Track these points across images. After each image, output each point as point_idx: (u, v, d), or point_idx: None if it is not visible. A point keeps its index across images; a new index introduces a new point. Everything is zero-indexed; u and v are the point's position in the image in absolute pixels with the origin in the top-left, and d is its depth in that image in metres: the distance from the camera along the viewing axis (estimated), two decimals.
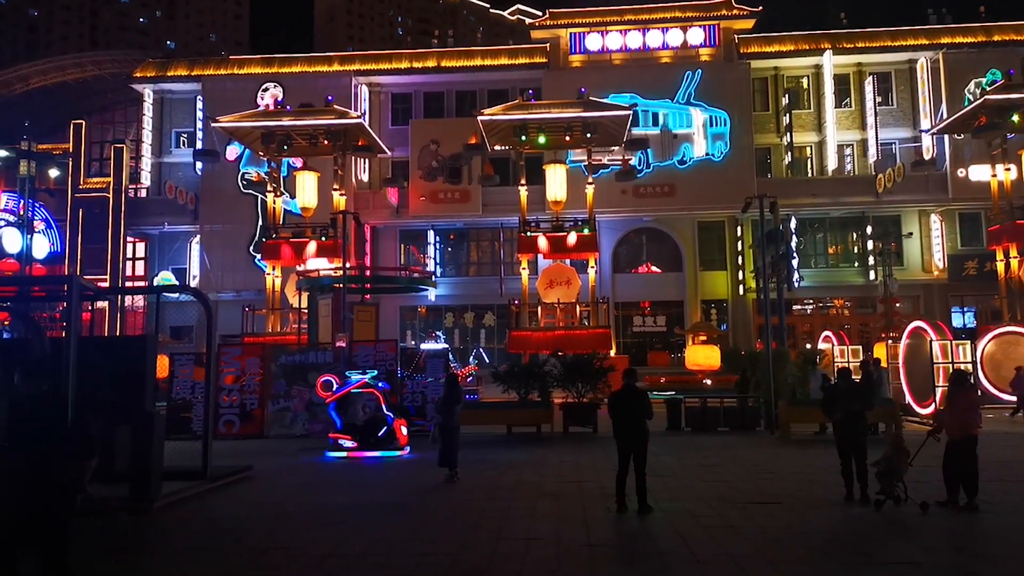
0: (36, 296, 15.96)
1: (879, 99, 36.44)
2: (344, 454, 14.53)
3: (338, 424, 14.87)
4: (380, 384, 15.33)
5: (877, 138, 35.93)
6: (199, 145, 36.73)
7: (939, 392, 17.87)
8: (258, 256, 34.26)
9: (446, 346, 29.55)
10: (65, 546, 6.57)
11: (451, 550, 7.79)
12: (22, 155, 27.32)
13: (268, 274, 31.04)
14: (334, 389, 14.97)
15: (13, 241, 33.00)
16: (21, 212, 28.20)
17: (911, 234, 35.68)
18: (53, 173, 34.44)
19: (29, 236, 27.70)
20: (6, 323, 15.80)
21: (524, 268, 30.79)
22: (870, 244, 35.44)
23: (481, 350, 35.27)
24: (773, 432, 17.59)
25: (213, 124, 30.79)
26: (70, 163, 36.04)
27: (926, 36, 36.98)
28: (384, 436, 14.67)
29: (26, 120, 40.69)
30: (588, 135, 29.29)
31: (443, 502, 10.30)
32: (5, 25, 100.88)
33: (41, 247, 34.90)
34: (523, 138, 29.52)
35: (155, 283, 35.52)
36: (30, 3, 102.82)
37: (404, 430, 14.92)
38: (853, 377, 11.20)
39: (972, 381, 9.89)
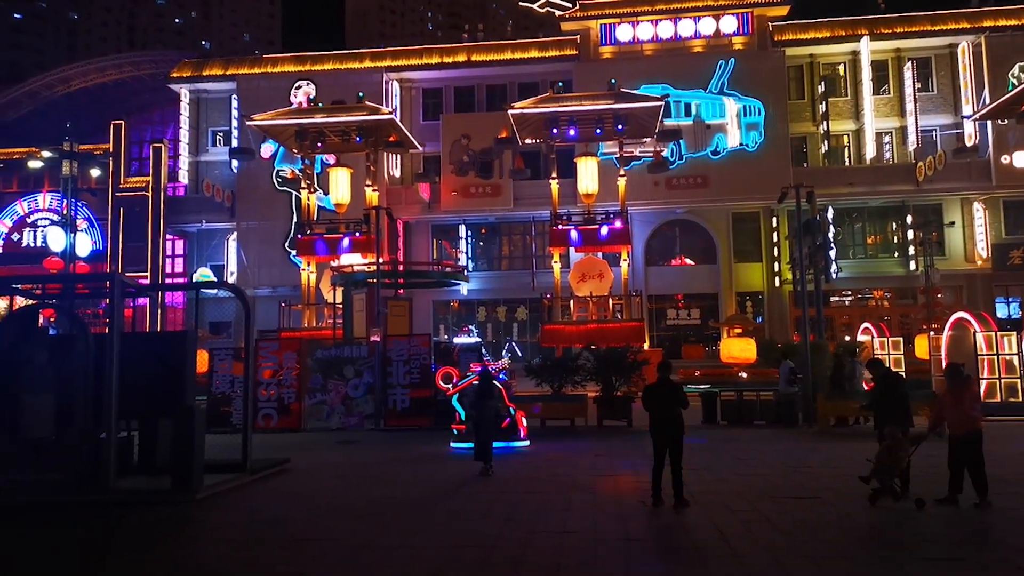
0: (80, 293, 16.39)
1: (918, 85, 35.54)
2: (469, 444, 14.41)
3: (461, 416, 14.92)
4: (501, 376, 15.45)
5: (917, 125, 35.07)
6: (235, 143, 37.29)
7: (983, 384, 17.47)
8: (293, 252, 34.70)
9: (479, 340, 29.62)
10: None
11: (486, 542, 7.83)
12: (65, 156, 27.93)
13: (303, 270, 31.41)
14: (454, 382, 15.13)
15: (57, 240, 33.85)
16: (64, 211, 28.89)
17: (953, 223, 34.82)
18: (94, 173, 35.23)
19: (72, 235, 28.37)
20: (52, 320, 16.25)
21: (556, 261, 30.70)
22: (910, 234, 34.66)
23: (514, 344, 35.31)
24: (811, 425, 17.36)
25: (248, 122, 31.21)
26: (110, 163, 36.85)
27: (967, 19, 35.94)
28: (508, 427, 14.72)
29: (68, 121, 41.69)
30: (620, 127, 29.05)
31: (478, 495, 10.35)
32: (46, 28, 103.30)
33: (84, 245, 35.76)
34: (554, 131, 29.41)
35: (194, 279, 36.17)
36: (70, 6, 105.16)
37: (524, 421, 15.03)
38: (888, 368, 10.98)
39: (968, 374, 9.64)
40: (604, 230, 29.15)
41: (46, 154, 29.33)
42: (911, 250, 34.57)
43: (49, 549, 8.14)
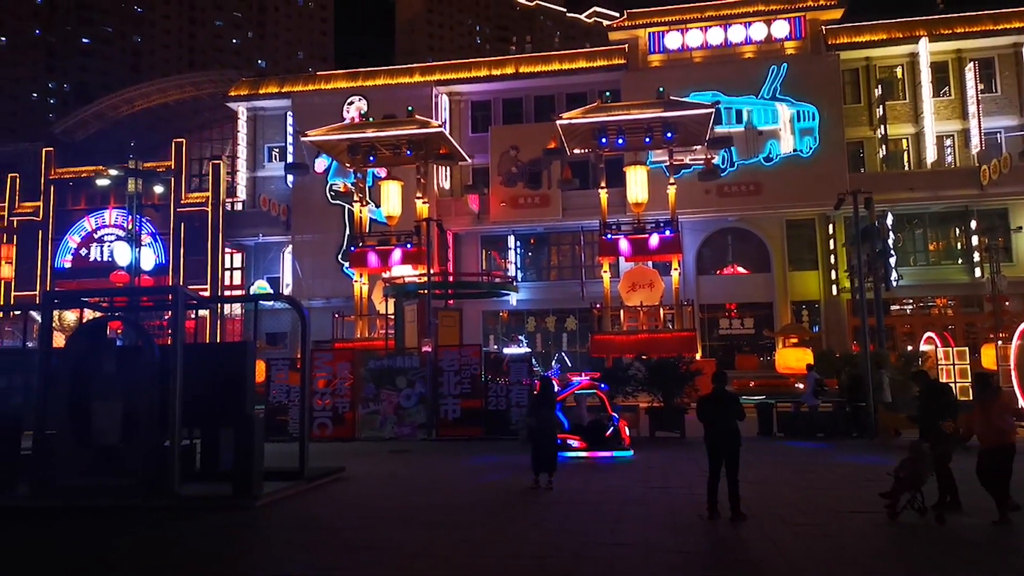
0: (145, 306, 17.00)
1: (981, 86, 34.35)
2: (574, 454, 14.45)
3: (565, 425, 14.87)
4: (602, 386, 15.44)
5: (980, 127, 33.90)
6: (290, 159, 38.24)
7: None
8: (346, 264, 35.33)
9: (529, 350, 29.66)
10: None
11: (538, 552, 7.83)
12: (129, 173, 29.05)
13: (356, 281, 31.96)
14: (555, 391, 15.20)
15: (123, 254, 35.21)
16: (129, 226, 30.03)
17: (1021, 228, 33.44)
18: (157, 189, 36.56)
19: (137, 249, 29.45)
20: (119, 331, 16.88)
21: (605, 271, 30.57)
22: (975, 239, 33.43)
23: (563, 354, 35.21)
24: (872, 437, 16.87)
25: (302, 138, 32.00)
26: (172, 180, 38.17)
27: None
28: (611, 436, 14.66)
29: (132, 140, 43.40)
30: (669, 135, 28.86)
31: (530, 505, 10.35)
32: (112, 51, 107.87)
33: (148, 259, 37.06)
34: (603, 141, 29.35)
35: (252, 292, 37.10)
36: (134, 30, 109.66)
37: (627, 430, 14.98)
38: (934, 379, 10.66)
39: (998, 384, 9.29)
40: (654, 239, 28.92)
41: (112, 172, 30.54)
42: (976, 256, 33.33)
43: (117, 551, 8.45)
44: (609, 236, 29.64)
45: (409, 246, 30.16)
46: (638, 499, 10.50)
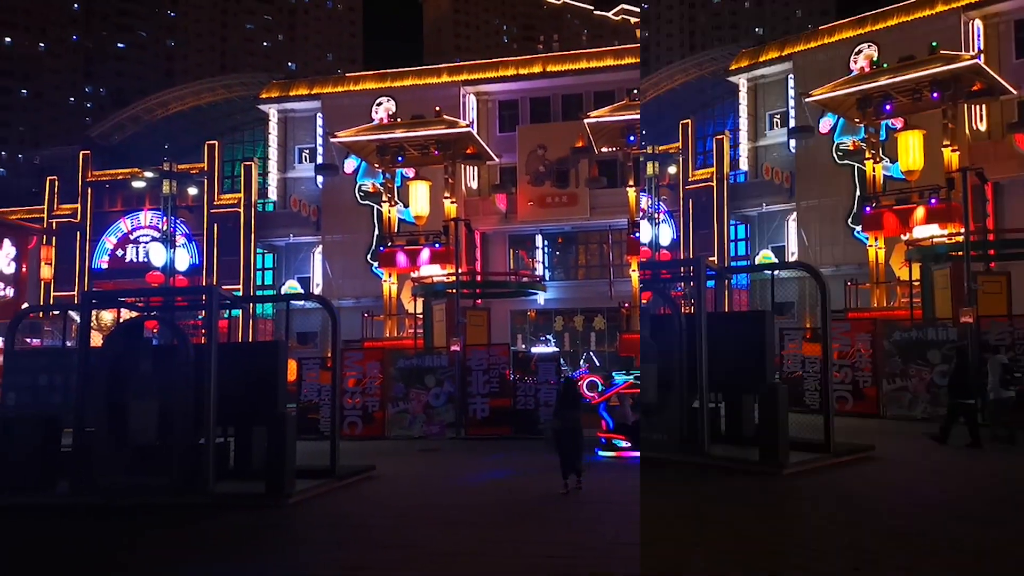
0: (179, 306, 17.29)
1: None
2: (606, 454, 14.39)
3: (610, 424, 14.82)
4: None
5: None
6: (320, 160, 38.60)
7: None
8: (375, 264, 35.58)
9: (556, 349, 29.67)
10: None
11: (568, 552, 7.85)
12: (164, 175, 29.66)
13: (385, 281, 32.21)
14: (600, 390, 15.24)
15: (158, 255, 35.82)
16: (164, 228, 30.62)
17: None
18: (191, 191, 37.14)
19: (172, 250, 30.02)
20: (155, 331, 17.24)
21: (634, 270, 30.44)
22: None
23: (591, 353, 35.14)
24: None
25: (332, 139, 32.33)
26: (205, 182, 38.74)
27: None
28: None
29: (166, 142, 44.16)
30: None
31: (557, 505, 10.35)
32: (146, 56, 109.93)
33: (182, 260, 37.65)
34: (630, 138, 29.23)
35: (283, 292, 37.53)
36: (167, 34, 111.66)
37: None
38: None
39: None
40: None
41: (148, 174, 31.19)
42: None
43: (151, 547, 8.65)
44: (637, 234, 29.50)
45: (437, 246, 30.32)
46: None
